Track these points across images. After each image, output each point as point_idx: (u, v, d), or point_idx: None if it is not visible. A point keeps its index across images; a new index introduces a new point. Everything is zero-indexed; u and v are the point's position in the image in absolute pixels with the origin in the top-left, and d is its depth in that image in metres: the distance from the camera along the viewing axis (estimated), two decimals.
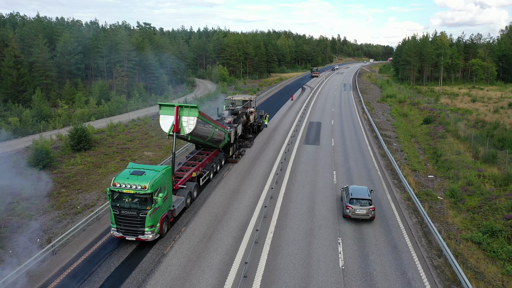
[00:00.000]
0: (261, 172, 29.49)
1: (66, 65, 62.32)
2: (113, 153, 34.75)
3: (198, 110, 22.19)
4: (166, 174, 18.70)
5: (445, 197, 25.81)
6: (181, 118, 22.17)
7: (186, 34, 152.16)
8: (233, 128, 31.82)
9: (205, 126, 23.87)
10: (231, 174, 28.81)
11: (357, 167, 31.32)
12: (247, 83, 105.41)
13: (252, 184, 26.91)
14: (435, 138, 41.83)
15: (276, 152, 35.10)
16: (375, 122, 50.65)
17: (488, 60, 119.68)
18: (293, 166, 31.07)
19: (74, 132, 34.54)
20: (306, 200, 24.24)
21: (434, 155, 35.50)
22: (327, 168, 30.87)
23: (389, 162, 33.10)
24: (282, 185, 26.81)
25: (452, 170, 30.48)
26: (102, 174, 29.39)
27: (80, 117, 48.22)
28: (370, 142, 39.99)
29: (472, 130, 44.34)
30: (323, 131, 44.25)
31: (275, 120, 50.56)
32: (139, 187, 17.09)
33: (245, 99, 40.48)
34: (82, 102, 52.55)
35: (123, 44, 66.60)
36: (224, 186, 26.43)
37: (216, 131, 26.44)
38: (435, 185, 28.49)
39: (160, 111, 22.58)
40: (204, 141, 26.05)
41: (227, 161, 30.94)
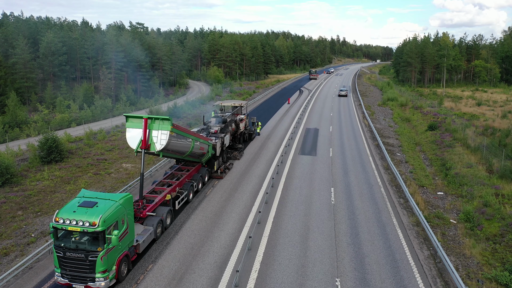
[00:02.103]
0: (250, 189, 26.07)
1: (49, 66, 58.83)
2: (87, 166, 31.32)
3: (171, 122, 18.80)
4: (126, 204, 15.28)
5: (459, 221, 22.42)
6: (151, 132, 18.78)
7: (181, 35, 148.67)
8: (220, 139, 28.39)
9: (181, 140, 20.47)
10: (215, 193, 25.39)
11: (358, 182, 27.93)
12: (243, 85, 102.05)
13: (238, 205, 23.50)
14: (442, 147, 38.46)
15: (268, 164, 31.69)
16: (376, 128, 47.28)
17: (491, 62, 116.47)
18: (286, 182, 27.67)
19: (44, 142, 31.10)
20: (299, 227, 20.83)
21: (443, 167, 32.12)
22: (324, 184, 27.47)
23: (393, 176, 29.73)
24: (272, 206, 23.41)
25: (465, 186, 27.10)
26: (69, 192, 25.96)
27: (59, 123, 44.85)
28: (372, 151, 36.60)
29: (482, 138, 40.98)
30: (320, 139, 40.86)
31: (269, 126, 47.17)
32: (87, 223, 13.69)
33: (235, 105, 37.07)
34: (63, 107, 49.10)
35: (110, 45, 63.14)
36: (206, 208, 23.01)
37: (197, 145, 23.04)
38: (446, 205, 25.12)
39: (127, 123, 19.21)
40: (182, 157, 22.66)
41: (212, 177, 27.50)
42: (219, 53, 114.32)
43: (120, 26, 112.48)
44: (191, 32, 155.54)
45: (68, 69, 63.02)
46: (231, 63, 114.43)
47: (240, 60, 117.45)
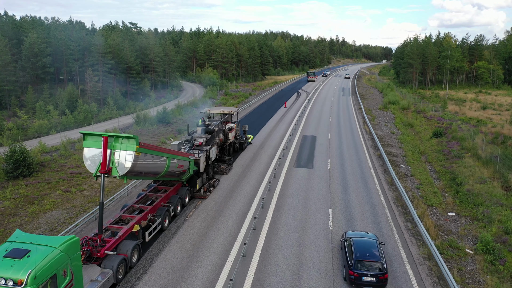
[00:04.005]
0: (236, 212, 22.94)
1: (32, 69, 55.58)
2: (58, 181, 28.15)
3: (136, 141, 15.67)
4: (69, 250, 12.14)
5: (477, 252, 19.34)
6: (113, 153, 15.66)
7: (177, 35, 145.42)
8: (204, 152, 25.26)
9: (151, 160, 17.34)
10: (197, 216, 22.27)
11: (359, 202, 24.82)
12: (239, 87, 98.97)
13: (221, 232, 20.38)
14: (450, 157, 35.39)
15: (259, 179, 28.57)
16: (378, 135, 44.21)
17: (494, 63, 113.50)
18: (279, 201, 24.55)
19: (10, 155, 27.92)
20: (291, 261, 17.72)
21: (453, 182, 29.03)
22: (321, 203, 24.36)
23: (399, 193, 26.64)
24: (261, 233, 20.29)
25: (480, 207, 24.01)
26: (31, 215, 22.80)
27: (37, 131, 41.67)
28: (374, 163, 33.51)
29: (492, 147, 37.94)
30: (318, 149, 37.75)
31: (263, 134, 44.05)
32: (10, 282, 10.56)
33: (225, 113, 33.92)
34: (43, 112, 45.90)
35: (98, 46, 59.93)
36: (184, 236, 19.89)
37: (173, 163, 19.91)
38: (460, 229, 22.04)
39: (84, 142, 16.06)
40: (156, 178, 19.55)
41: (194, 197, 24.35)
42: (215, 54, 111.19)
43: (115, 26, 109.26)
44: (186, 32, 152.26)
45: (52, 71, 59.73)
46: (227, 64, 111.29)
47: (236, 61, 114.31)
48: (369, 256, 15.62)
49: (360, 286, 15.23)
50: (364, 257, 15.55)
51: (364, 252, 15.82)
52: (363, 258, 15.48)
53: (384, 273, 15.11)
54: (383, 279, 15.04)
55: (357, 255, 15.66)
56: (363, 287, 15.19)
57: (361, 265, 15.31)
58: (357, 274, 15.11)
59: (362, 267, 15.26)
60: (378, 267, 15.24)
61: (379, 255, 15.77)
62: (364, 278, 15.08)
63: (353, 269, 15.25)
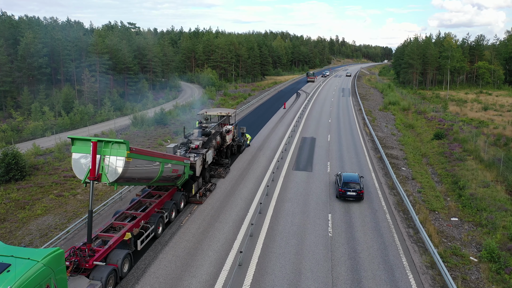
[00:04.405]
0: (233, 217, 22.29)
1: (28, 69, 54.87)
2: (51, 185, 27.50)
3: (127, 146, 15.02)
4: (53, 263, 11.47)
5: (482, 260, 18.68)
6: (102, 158, 15.00)
7: (176, 35, 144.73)
8: (200, 156, 24.62)
9: (144, 166, 16.69)
10: (192, 222, 21.61)
11: (360, 207, 24.15)
12: (238, 88, 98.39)
13: (217, 239, 19.72)
14: (452, 160, 34.73)
15: (257, 183, 27.92)
16: (378, 137, 43.57)
17: (494, 63, 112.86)
18: (277, 206, 23.90)
19: (2, 158, 27.27)
20: (289, 270, 17.07)
21: (455, 186, 28.39)
22: (321, 209, 23.71)
23: (400, 198, 25.98)
24: (258, 240, 19.63)
25: (484, 213, 23.35)
26: (21, 221, 22.15)
27: (32, 132, 41.02)
28: (374, 166, 32.85)
29: (495, 149, 37.30)
30: (317, 151, 37.10)
31: (262, 135, 43.41)
32: None
33: (222, 114, 33.26)
34: (38, 114, 45.24)
35: (91, 45, 59.23)
36: (178, 243, 19.23)
37: (168, 168, 19.26)
38: (463, 235, 21.40)
39: (72, 147, 15.41)
40: (150, 183, 18.89)
41: (189, 202, 23.69)
42: (214, 54, 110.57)
43: (113, 26, 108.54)
44: (186, 32, 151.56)
45: (49, 72, 59.00)
46: (226, 64, 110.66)
47: (236, 61, 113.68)
48: (352, 180, 24.85)
49: (345, 198, 24.43)
50: (348, 180, 24.85)
51: (348, 179, 25.01)
52: (347, 181, 24.76)
53: (360, 190, 24.31)
54: (360, 193, 24.31)
55: (344, 180, 24.88)
56: (347, 199, 24.49)
57: (346, 186, 24.42)
58: (344, 190, 24.28)
59: (346, 186, 24.39)
60: (357, 187, 24.31)
61: (359, 181, 24.86)
62: (348, 193, 24.28)
63: (342, 188, 24.39)
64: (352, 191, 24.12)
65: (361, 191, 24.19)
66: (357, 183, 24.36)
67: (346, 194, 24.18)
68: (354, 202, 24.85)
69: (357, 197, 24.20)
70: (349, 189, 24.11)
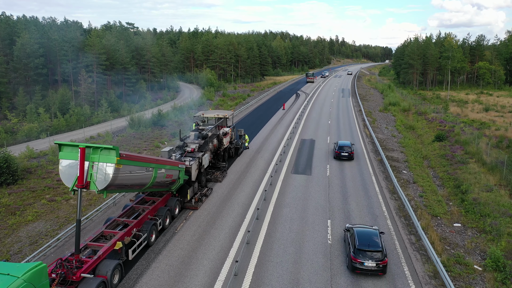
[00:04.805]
0: (229, 224, 21.63)
1: (24, 70, 54.16)
2: (43, 189, 26.84)
3: (117, 152, 14.36)
4: (35, 279, 10.82)
5: (487, 268, 18.03)
6: (91, 165, 14.34)
7: (175, 35, 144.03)
8: (196, 160, 23.96)
9: (135, 172, 16.03)
10: (187, 228, 20.94)
11: (360, 212, 23.50)
12: (238, 88, 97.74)
13: (212, 247, 19.06)
14: (454, 163, 34.09)
15: (255, 187, 27.25)
16: (378, 139, 42.91)
17: (495, 63, 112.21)
18: (275, 212, 23.25)
19: None
20: (287, 280, 16.41)
21: (457, 190, 27.74)
22: (320, 214, 23.06)
23: (401, 202, 25.33)
24: (255, 248, 18.96)
25: (487, 218, 22.70)
26: (11, 227, 21.48)
27: (27, 134, 40.35)
28: (375, 169, 32.19)
29: (497, 151, 36.65)
30: (316, 153, 36.44)
31: (260, 137, 42.75)
32: None
33: (219, 116, 32.59)
34: (33, 115, 44.55)
35: (92, 46, 58.57)
36: (172, 251, 18.56)
37: (161, 173, 18.60)
38: (467, 242, 20.74)
39: (60, 153, 14.76)
40: (142, 189, 18.23)
41: (185, 207, 23.02)
42: (213, 54, 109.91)
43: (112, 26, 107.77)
44: (185, 32, 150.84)
45: (45, 72, 58.29)
46: (225, 64, 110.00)
47: (235, 62, 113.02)
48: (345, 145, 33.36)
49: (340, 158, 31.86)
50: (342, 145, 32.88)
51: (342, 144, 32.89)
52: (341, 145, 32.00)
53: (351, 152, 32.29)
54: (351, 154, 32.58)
55: (339, 145, 32.89)
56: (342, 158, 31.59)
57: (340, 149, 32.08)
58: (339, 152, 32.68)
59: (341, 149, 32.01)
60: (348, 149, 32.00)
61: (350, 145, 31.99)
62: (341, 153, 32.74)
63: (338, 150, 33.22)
64: (345, 152, 32.65)
65: (352, 152, 32.82)
66: (349, 147, 32.71)
67: (341, 154, 32.72)
68: (355, 207, 24.19)
69: (349, 157, 32.80)
70: (343, 151, 32.45)
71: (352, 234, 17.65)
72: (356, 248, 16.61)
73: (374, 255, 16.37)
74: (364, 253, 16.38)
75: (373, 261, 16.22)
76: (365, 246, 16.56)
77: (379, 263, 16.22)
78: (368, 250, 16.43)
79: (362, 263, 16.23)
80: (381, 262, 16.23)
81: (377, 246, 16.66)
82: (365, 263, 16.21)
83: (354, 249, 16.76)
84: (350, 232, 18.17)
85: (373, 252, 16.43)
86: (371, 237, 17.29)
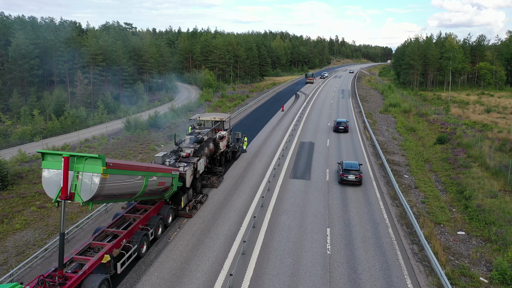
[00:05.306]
0: (225, 232, 20.81)
1: (19, 71, 53.35)
2: (34, 195, 26.04)
3: (103, 162, 13.55)
4: None
5: (493, 281, 17.22)
6: (75, 175, 13.54)
7: (174, 35, 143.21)
8: (191, 165, 23.16)
9: (124, 181, 15.23)
10: (181, 238, 20.13)
11: (360, 220, 22.69)
12: (236, 89, 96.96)
13: (206, 258, 18.24)
14: (456, 167, 33.30)
15: (252, 193, 26.44)
16: (379, 141, 42.11)
17: (496, 64, 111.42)
18: (272, 220, 22.44)
19: None
20: None
21: (460, 196, 26.96)
22: (319, 222, 22.25)
23: (403, 209, 24.53)
24: (251, 259, 18.15)
25: (493, 227, 21.90)
26: None
27: (20, 137, 39.54)
28: (375, 173, 31.39)
29: (501, 155, 35.85)
30: (316, 157, 35.63)
31: (259, 140, 41.95)
32: None
33: (216, 120, 31.79)
34: (28, 117, 43.74)
35: (88, 47, 57.76)
36: (164, 263, 17.75)
37: (153, 181, 17.79)
38: (471, 252, 19.94)
39: (43, 162, 13.97)
40: (132, 199, 17.41)
41: (179, 215, 22.21)
42: (212, 55, 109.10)
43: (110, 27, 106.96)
44: (184, 32, 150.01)
45: (41, 73, 57.48)
46: (224, 65, 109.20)
47: (234, 62, 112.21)
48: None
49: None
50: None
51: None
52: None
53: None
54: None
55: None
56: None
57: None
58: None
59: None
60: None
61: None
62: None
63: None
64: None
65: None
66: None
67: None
68: (355, 214, 23.39)
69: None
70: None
71: (341, 163, 28.85)
72: (344, 168, 27.87)
73: (354, 172, 27.53)
74: (348, 171, 27.64)
75: (353, 176, 27.43)
76: (348, 167, 27.96)
77: (356, 177, 27.41)
78: (350, 169, 27.73)
79: (347, 177, 27.48)
80: (358, 176, 27.43)
81: (356, 167, 28.04)
82: (348, 177, 27.45)
83: (342, 170, 27.87)
84: (340, 164, 28.98)
85: (353, 171, 27.63)
86: (352, 164, 28.54)
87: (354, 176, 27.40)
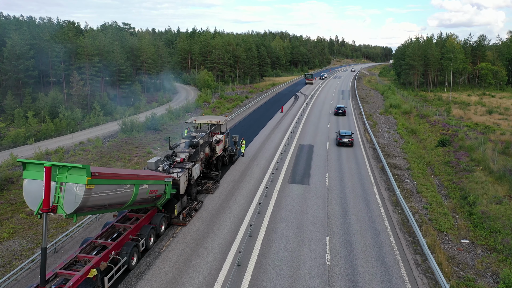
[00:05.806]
0: (220, 242, 20.00)
1: (13, 72, 52.54)
2: (23, 202, 25.14)
3: (87, 172, 12.74)
4: None
5: None
6: (58, 186, 12.73)
7: (172, 36, 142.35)
8: (185, 171, 22.34)
9: (111, 191, 14.42)
10: (173, 248, 19.31)
11: (361, 228, 21.88)
12: (236, 90, 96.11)
13: (200, 269, 17.43)
14: (459, 171, 32.49)
15: (249, 199, 25.63)
16: (379, 144, 41.30)
17: (497, 64, 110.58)
18: (269, 227, 21.63)
19: None
20: None
21: (464, 201, 26.15)
22: (318, 230, 21.44)
23: (404, 216, 23.73)
24: (246, 271, 17.34)
25: (498, 235, 21.09)
26: None
27: (13, 140, 38.72)
28: (376, 178, 30.58)
29: (504, 158, 35.04)
30: (315, 160, 34.82)
31: (257, 142, 41.14)
32: None
33: (213, 123, 30.96)
34: (22, 119, 42.91)
35: (84, 48, 56.93)
36: (155, 276, 16.94)
37: (143, 189, 16.98)
38: (477, 262, 19.13)
39: (24, 172, 13.17)
40: (121, 209, 16.58)
41: (172, 224, 21.39)
42: (211, 55, 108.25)
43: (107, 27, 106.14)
44: (183, 32, 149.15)
45: (36, 74, 56.64)
46: (223, 65, 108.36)
47: (233, 62, 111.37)
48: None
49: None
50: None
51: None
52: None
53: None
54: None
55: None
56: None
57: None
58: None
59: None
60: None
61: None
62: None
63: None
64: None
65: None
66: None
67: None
68: (355, 221, 22.58)
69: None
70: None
71: (339, 132, 40.82)
72: (340, 134, 39.91)
73: (347, 137, 39.36)
74: (343, 136, 39.47)
75: (346, 139, 39.20)
76: (343, 134, 39.91)
77: (349, 140, 39.18)
78: (345, 135, 39.58)
79: (342, 140, 39.18)
80: (350, 139, 39.20)
81: (349, 134, 39.99)
82: (343, 140, 39.18)
83: (339, 135, 39.93)
84: (338, 132, 41.10)
85: (347, 136, 39.54)
86: (346, 132, 40.50)
87: (347, 139, 39.25)
